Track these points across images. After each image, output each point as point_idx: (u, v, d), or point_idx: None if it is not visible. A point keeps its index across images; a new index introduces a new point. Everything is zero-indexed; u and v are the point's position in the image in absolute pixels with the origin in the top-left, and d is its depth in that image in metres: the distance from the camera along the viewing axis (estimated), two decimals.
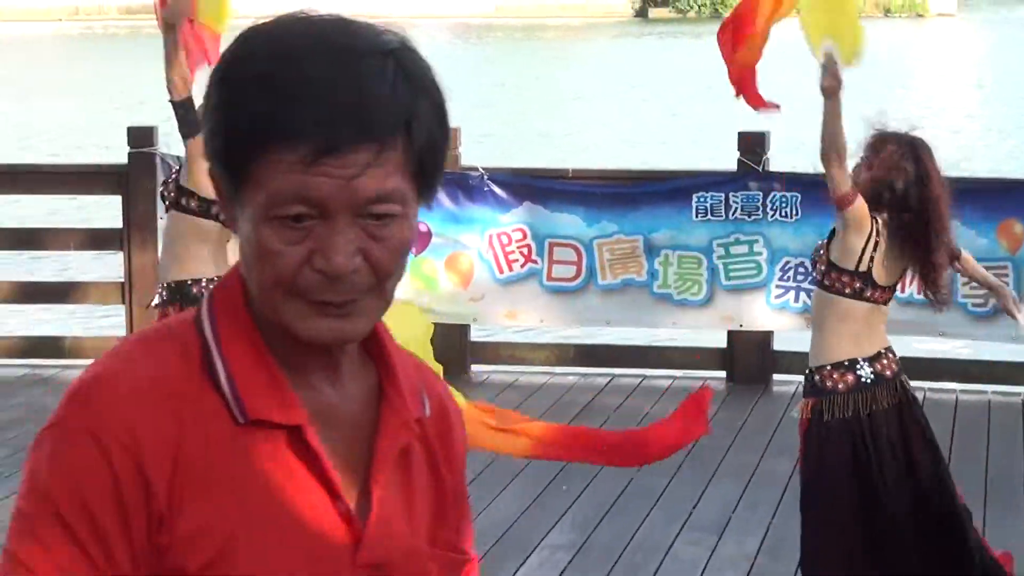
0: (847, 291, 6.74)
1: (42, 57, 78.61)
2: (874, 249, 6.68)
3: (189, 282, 7.94)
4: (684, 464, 9.51)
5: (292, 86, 2.03)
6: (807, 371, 6.87)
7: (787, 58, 7.91)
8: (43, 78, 59.75)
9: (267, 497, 2.11)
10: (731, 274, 11.09)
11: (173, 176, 7.91)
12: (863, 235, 6.67)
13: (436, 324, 11.54)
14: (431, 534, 2.32)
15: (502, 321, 11.72)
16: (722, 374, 11.47)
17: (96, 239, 11.89)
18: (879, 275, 6.71)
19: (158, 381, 2.11)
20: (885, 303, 6.83)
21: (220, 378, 2.13)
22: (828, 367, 6.73)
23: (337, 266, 2.06)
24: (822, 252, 6.78)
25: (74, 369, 11.73)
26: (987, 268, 10.48)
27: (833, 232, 6.81)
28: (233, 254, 8.12)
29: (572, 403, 10.95)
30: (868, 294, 6.75)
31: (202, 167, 7.75)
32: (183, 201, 7.89)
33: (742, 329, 11.20)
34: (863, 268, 6.68)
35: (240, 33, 2.16)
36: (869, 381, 6.72)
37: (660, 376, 11.65)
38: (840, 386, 6.70)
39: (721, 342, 11.54)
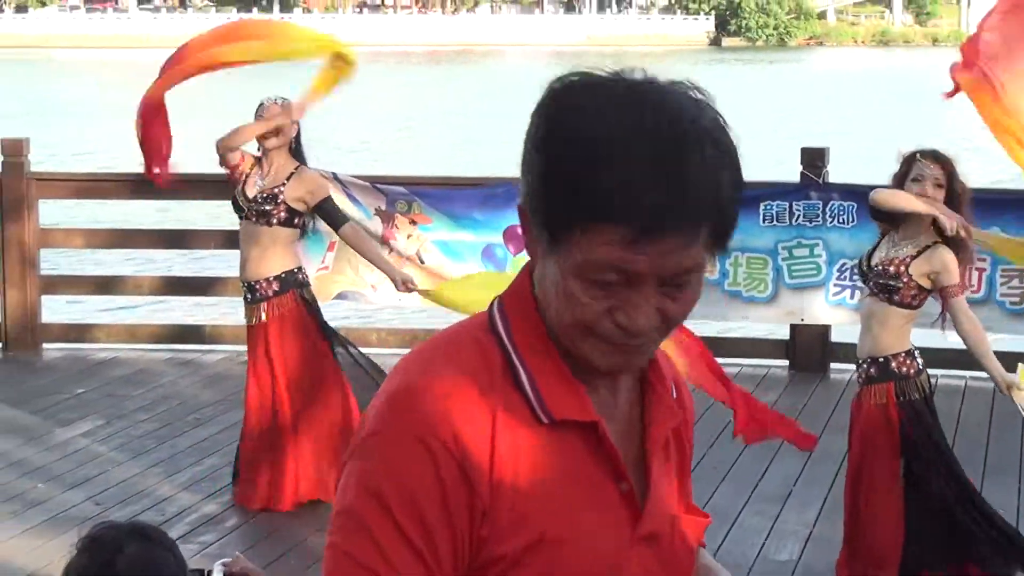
0: (913, 304, 6.74)
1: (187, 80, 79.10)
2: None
3: (295, 270, 8.23)
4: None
5: (620, 171, 1.95)
6: (875, 359, 6.79)
7: (846, 84, 7.84)
8: (181, 98, 60.21)
9: (567, 485, 2.11)
10: (794, 274, 11.04)
11: (280, 198, 8.04)
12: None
13: None
14: (681, 500, 2.36)
15: None
16: (785, 362, 11.42)
17: (233, 239, 11.91)
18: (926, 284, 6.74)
19: (469, 387, 2.09)
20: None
21: (523, 383, 2.11)
22: (902, 355, 6.74)
23: (638, 327, 2.04)
24: (906, 280, 6.68)
25: (214, 354, 11.84)
26: (1022, 271, 10.46)
27: (907, 257, 6.72)
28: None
29: None
30: (917, 304, 6.78)
31: (317, 188, 8.15)
32: (296, 220, 8.18)
33: (803, 323, 11.14)
34: (927, 286, 6.70)
35: (556, 93, 2.08)
36: (923, 366, 6.76)
37: (730, 364, 11.54)
38: (912, 371, 6.73)
39: (784, 334, 11.49)
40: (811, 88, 72.08)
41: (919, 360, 6.78)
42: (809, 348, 11.23)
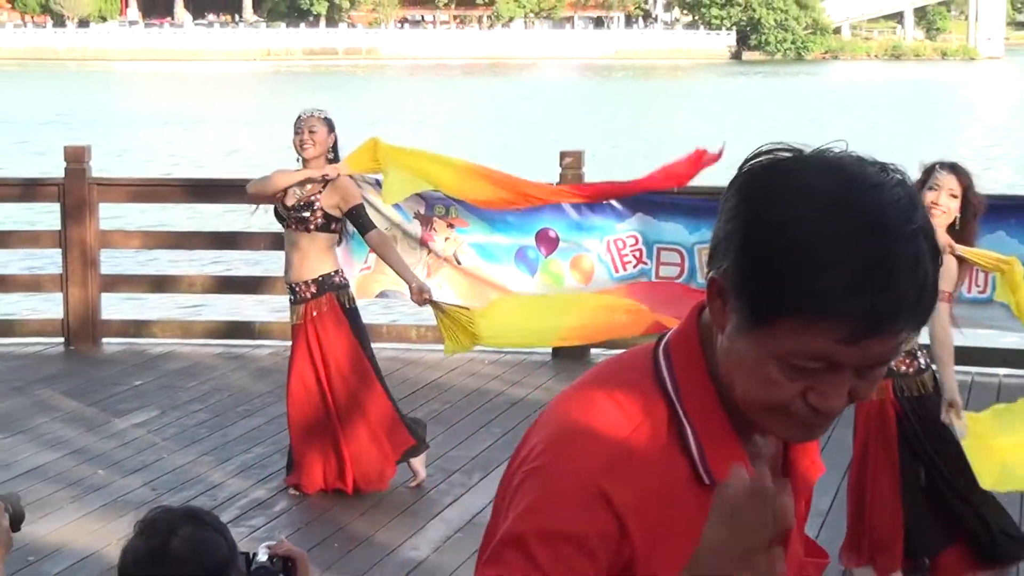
0: None
1: (240, 90, 79.55)
2: None
3: (331, 273, 8.25)
4: None
5: (844, 273, 1.83)
6: None
7: (860, 95, 7.82)
8: (240, 108, 60.43)
9: None
10: None
11: (316, 206, 8.09)
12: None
13: None
14: (801, 538, 2.24)
15: None
16: None
17: (280, 241, 11.99)
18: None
19: (631, 441, 1.99)
20: None
21: (689, 442, 2.00)
22: (902, 354, 6.70)
23: (831, 408, 1.93)
24: None
25: (262, 349, 11.86)
26: None
27: None
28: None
29: None
30: None
31: (349, 196, 8.16)
32: (333, 227, 8.22)
33: None
34: None
35: (762, 176, 1.92)
36: (925, 366, 6.72)
37: None
38: (911, 370, 6.69)
39: None
40: (827, 100, 71.93)
41: (921, 360, 6.73)
42: None
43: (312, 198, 8.13)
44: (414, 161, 8.46)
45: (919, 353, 6.74)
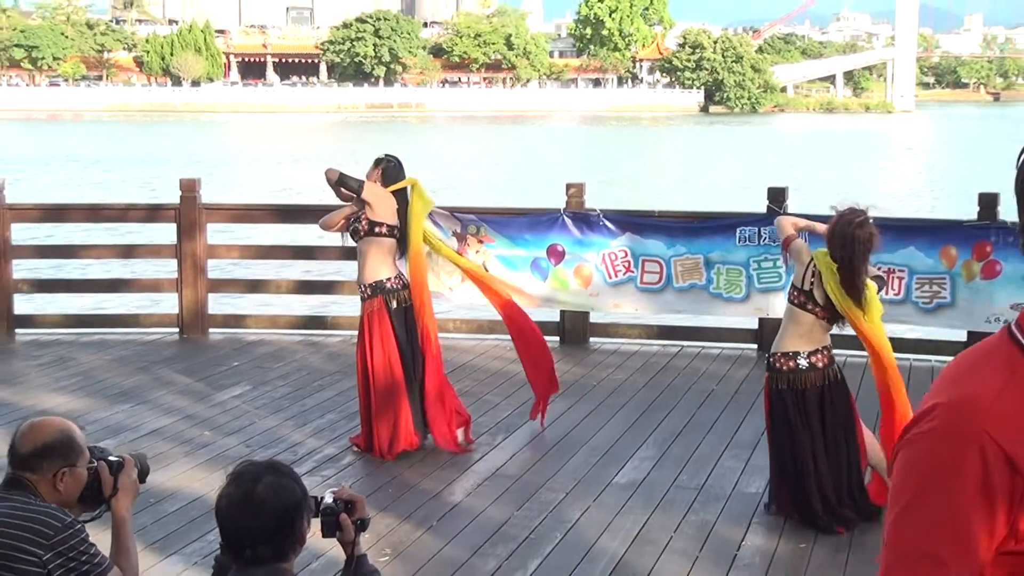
0: (796, 302, 6.61)
1: (317, 136, 79.68)
2: (812, 276, 6.54)
3: (384, 280, 8.11)
4: (729, 405, 9.40)
5: None
6: (768, 354, 6.79)
7: (801, 140, 7.77)
8: (317, 149, 60.49)
9: None
10: (762, 280, 10.95)
11: (362, 217, 8.02)
12: (802, 265, 6.57)
13: (566, 311, 11.56)
14: None
15: (610, 309, 11.63)
16: (754, 345, 11.33)
17: (349, 252, 11.96)
18: (818, 296, 6.55)
19: (1006, 392, 1.85)
20: (825, 320, 6.62)
21: None
22: (779, 354, 6.64)
23: None
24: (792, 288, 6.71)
25: (334, 337, 11.84)
26: (931, 279, 10.36)
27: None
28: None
29: (655, 364, 10.84)
30: (810, 307, 6.59)
31: (383, 206, 8.03)
32: (376, 229, 8.05)
33: (768, 316, 11.05)
34: (806, 287, 6.56)
35: None
36: (805, 367, 6.59)
37: (713, 347, 11.52)
38: (785, 368, 6.60)
39: (754, 325, 11.39)
40: (775, 143, 71.83)
41: (800, 361, 6.61)
42: (773, 335, 10.96)
43: (358, 213, 8.11)
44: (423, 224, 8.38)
45: (801, 356, 6.63)
